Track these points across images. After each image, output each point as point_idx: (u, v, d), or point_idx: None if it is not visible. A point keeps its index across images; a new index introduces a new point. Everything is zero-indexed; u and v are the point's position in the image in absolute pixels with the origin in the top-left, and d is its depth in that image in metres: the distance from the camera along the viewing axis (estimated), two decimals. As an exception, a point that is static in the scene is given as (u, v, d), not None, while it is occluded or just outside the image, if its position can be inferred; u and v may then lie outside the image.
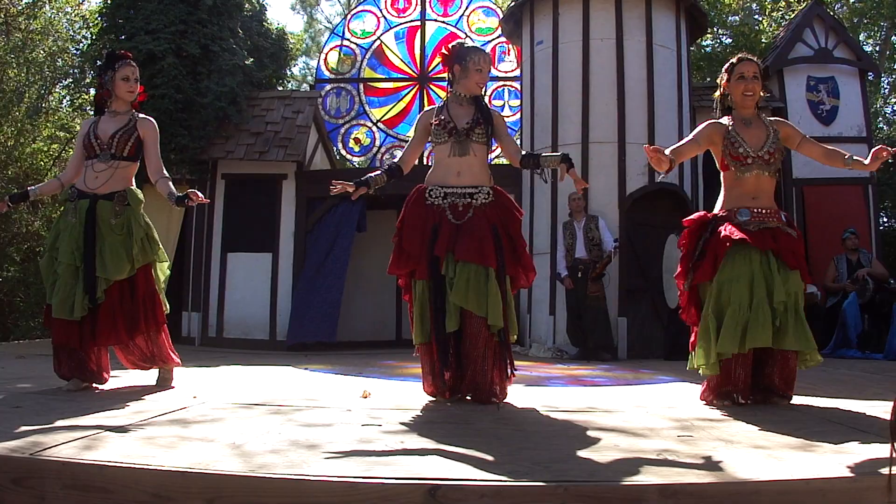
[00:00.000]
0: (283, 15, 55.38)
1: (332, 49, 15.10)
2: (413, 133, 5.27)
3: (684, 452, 3.00)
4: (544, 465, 2.74)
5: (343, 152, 14.79)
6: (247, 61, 13.31)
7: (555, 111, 11.28)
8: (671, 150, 4.74)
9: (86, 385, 5.12)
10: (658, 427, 3.70)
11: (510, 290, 4.74)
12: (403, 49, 14.89)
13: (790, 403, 4.58)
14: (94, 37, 13.60)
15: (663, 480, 2.50)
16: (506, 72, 14.57)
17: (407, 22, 14.93)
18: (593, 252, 10.08)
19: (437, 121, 4.91)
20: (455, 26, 14.77)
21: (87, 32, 17.00)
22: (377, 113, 14.79)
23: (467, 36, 14.59)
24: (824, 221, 11.96)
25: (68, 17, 18.91)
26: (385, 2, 14.95)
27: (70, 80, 18.19)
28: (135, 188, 5.35)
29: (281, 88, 15.64)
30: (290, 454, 2.88)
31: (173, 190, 5.30)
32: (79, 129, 5.59)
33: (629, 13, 11.19)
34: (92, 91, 11.10)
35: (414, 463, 2.76)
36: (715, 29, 19.58)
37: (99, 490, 2.61)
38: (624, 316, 10.52)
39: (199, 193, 5.19)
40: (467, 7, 14.81)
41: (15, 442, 3.00)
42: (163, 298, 5.42)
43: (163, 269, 5.48)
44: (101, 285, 5.04)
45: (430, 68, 14.54)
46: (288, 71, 17.90)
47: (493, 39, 14.60)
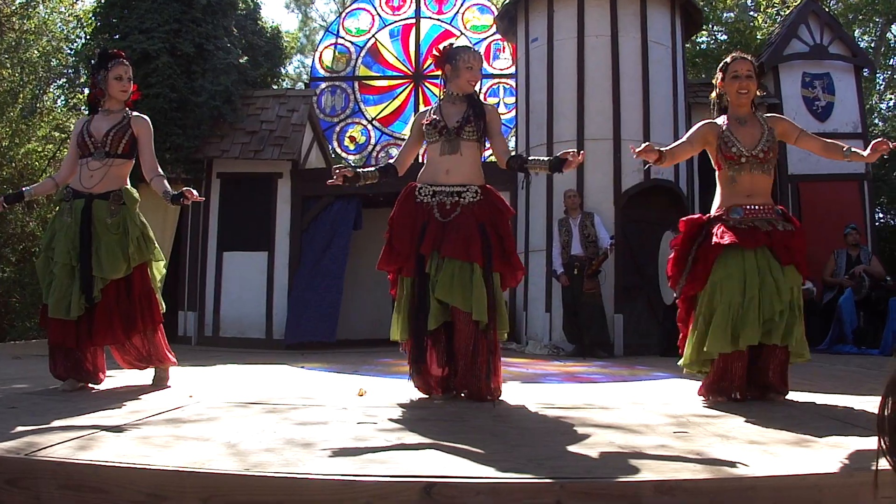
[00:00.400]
0: (277, 13, 55.32)
1: (326, 47, 15.10)
2: (408, 134, 5.27)
3: (680, 448, 3.00)
4: (540, 462, 2.73)
5: (338, 150, 14.79)
6: (241, 60, 13.31)
7: (550, 108, 11.27)
8: (668, 150, 4.76)
9: (81, 385, 5.11)
10: (654, 423, 3.70)
11: (499, 288, 4.74)
12: (398, 47, 14.90)
13: (786, 399, 4.58)
14: (88, 36, 13.61)
15: (659, 477, 2.50)
16: (501, 69, 14.57)
17: (402, 20, 14.94)
18: (589, 249, 10.08)
19: (429, 120, 4.93)
20: (450, 24, 14.78)
21: (81, 32, 17.01)
22: (372, 111, 14.80)
23: (462, 33, 14.60)
24: (820, 217, 11.96)
25: (62, 16, 18.87)
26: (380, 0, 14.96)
27: (64, 79, 18.17)
28: (130, 187, 5.34)
29: (276, 87, 15.63)
30: (286, 453, 2.87)
31: (168, 188, 5.29)
32: (73, 128, 5.57)
33: (624, 10, 11.19)
34: (86, 90, 11.09)
35: (409, 460, 2.76)
36: (710, 25, 19.57)
37: (94, 490, 2.60)
38: (620, 313, 10.52)
39: (194, 192, 5.20)
40: (462, 4, 14.82)
41: (10, 443, 2.99)
42: (159, 298, 5.41)
43: (159, 269, 5.47)
44: (98, 285, 5.03)
45: (425, 66, 14.54)
46: (283, 69, 17.86)
47: (488, 37, 14.61)
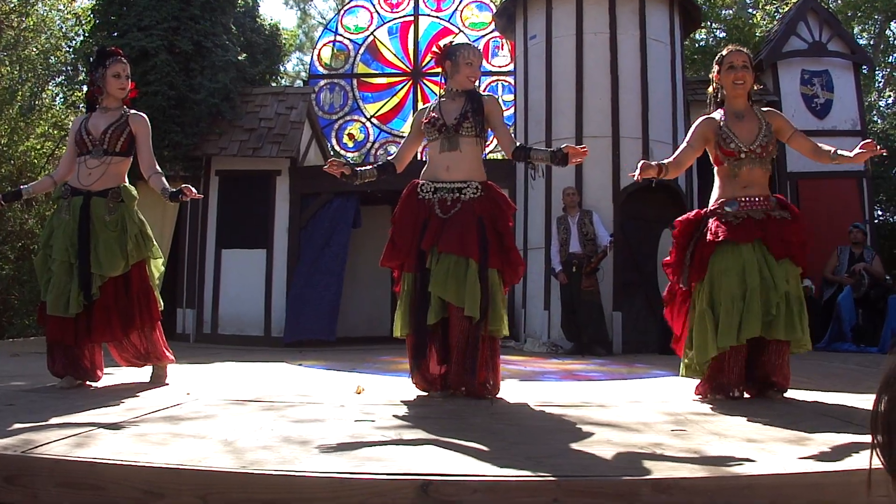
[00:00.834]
0: (276, 10, 55.25)
1: (325, 45, 15.08)
2: (408, 131, 5.28)
3: (678, 447, 3.00)
4: (538, 460, 2.73)
5: (337, 148, 14.77)
6: (240, 57, 13.28)
7: (548, 106, 11.26)
8: (670, 161, 4.76)
9: (79, 382, 5.11)
10: (652, 421, 3.70)
11: (499, 285, 4.74)
12: (397, 44, 14.88)
13: (784, 397, 4.58)
14: (86, 34, 13.56)
15: (657, 475, 2.50)
16: (499, 67, 14.55)
17: (400, 17, 14.91)
18: (587, 247, 10.08)
19: (428, 119, 4.96)
20: (448, 21, 14.76)
21: (79, 29, 16.95)
22: (371, 108, 14.78)
23: (460, 31, 14.58)
24: (819, 215, 11.94)
25: (61, 14, 18.83)
26: (378, -3, 14.96)
27: (63, 77, 18.15)
28: (128, 185, 5.34)
29: (274, 84, 15.61)
30: (282, 450, 2.87)
31: (167, 185, 5.29)
32: (71, 126, 5.57)
33: (622, 7, 11.17)
34: (85, 88, 11.09)
35: (406, 458, 2.76)
36: (709, 23, 19.56)
37: (91, 487, 2.60)
38: (618, 310, 10.51)
39: (192, 189, 5.20)
40: (461, 2, 14.79)
41: (7, 440, 2.99)
42: (157, 295, 5.41)
43: (157, 266, 5.46)
44: (96, 282, 5.03)
45: (424, 63, 14.52)
46: (281, 67, 17.88)
47: (487, 34, 14.58)
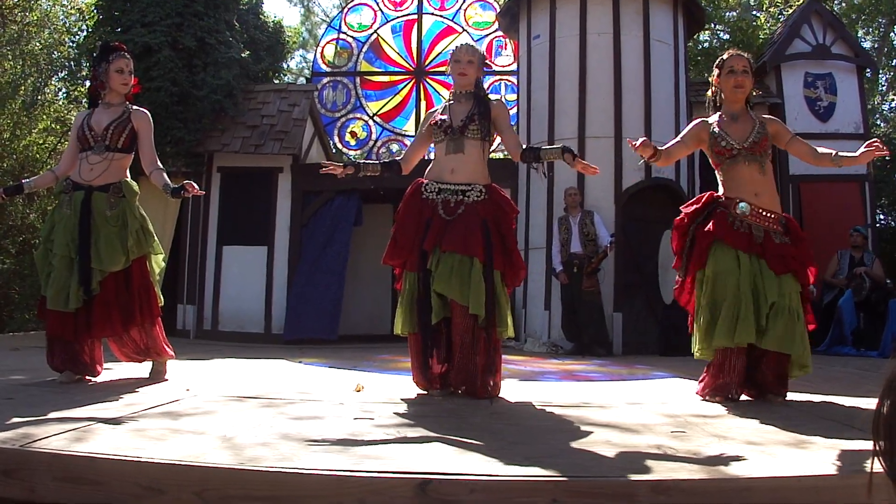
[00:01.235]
0: (279, 8, 55.39)
1: (328, 42, 15.09)
2: (417, 133, 5.31)
3: (677, 448, 2.99)
4: (537, 460, 2.72)
5: (339, 146, 14.76)
6: (243, 54, 13.28)
7: (551, 106, 11.26)
8: (663, 150, 4.76)
9: (78, 377, 5.10)
10: (651, 423, 3.70)
11: (502, 286, 4.75)
12: (400, 42, 14.87)
13: (784, 400, 4.57)
14: (90, 29, 13.58)
15: (656, 476, 2.49)
16: (503, 66, 14.55)
17: (404, 15, 14.91)
18: (588, 247, 10.08)
19: (435, 120, 4.99)
20: (452, 20, 14.76)
21: (83, 24, 16.98)
22: (373, 106, 14.78)
23: (464, 30, 14.58)
24: (821, 218, 11.95)
25: (64, 9, 18.88)
26: (382, -5, 14.95)
27: (66, 72, 18.17)
28: (130, 180, 5.34)
29: (277, 82, 15.61)
30: (281, 447, 2.86)
31: (168, 181, 5.29)
32: (73, 121, 5.57)
33: (626, 8, 11.17)
34: (87, 83, 11.09)
35: (405, 457, 2.75)
36: (712, 24, 19.55)
37: (89, 482, 2.60)
38: (619, 311, 10.51)
39: (194, 185, 5.20)
40: (464, 1, 14.79)
41: (6, 433, 2.98)
42: (158, 291, 5.40)
43: (158, 262, 5.46)
44: (96, 277, 5.02)
45: (427, 62, 14.53)
46: (284, 64, 17.87)
47: (490, 34, 14.58)
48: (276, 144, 12.31)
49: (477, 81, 5.07)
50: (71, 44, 17.78)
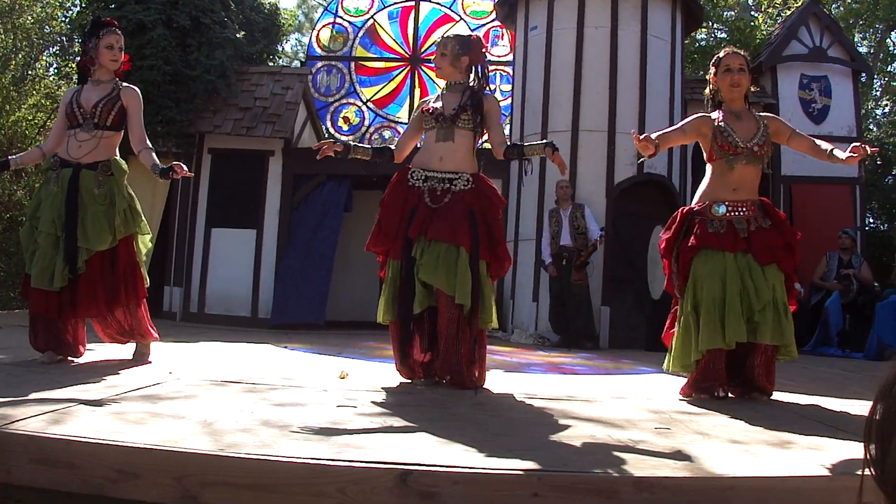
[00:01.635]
0: (276, -9, 54.95)
1: (324, 26, 15.04)
2: (410, 122, 5.29)
3: (661, 445, 2.98)
4: (519, 453, 2.70)
5: (332, 130, 14.73)
6: (238, 35, 13.21)
7: (546, 97, 11.24)
8: (657, 134, 4.75)
9: (60, 358, 5.05)
10: (636, 418, 3.68)
11: (487, 277, 4.73)
12: (396, 29, 14.83)
13: (770, 399, 4.57)
14: (83, 4, 13.48)
15: (638, 473, 2.47)
16: (499, 56, 14.51)
17: (401, 2, 14.87)
18: (578, 240, 10.08)
19: (427, 108, 4.97)
20: (449, 8, 14.73)
21: (76, 0, 16.86)
22: (367, 92, 14.75)
23: (461, 18, 14.54)
24: (811, 219, 11.96)
25: (58, -18, 18.75)
26: (380, -20, 14.89)
27: (57, 47, 18.06)
28: (119, 159, 5.29)
29: (271, 64, 15.56)
30: (261, 434, 2.84)
31: (157, 161, 5.25)
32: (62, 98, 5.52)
33: (624, 3, 11.15)
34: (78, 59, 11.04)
35: (386, 446, 2.72)
36: (710, 23, 19.54)
37: (65, 465, 2.56)
38: (607, 305, 10.52)
39: (183, 166, 5.17)
40: (462, -11, 14.75)
41: (-18, 413, 2.95)
42: (144, 272, 5.36)
43: (145, 242, 5.41)
44: (83, 255, 4.97)
45: (423, 49, 14.47)
46: (279, 47, 17.78)
47: (488, 23, 14.56)
48: (269, 127, 12.26)
49: (475, 69, 5.02)
50: (63, 19, 17.68)
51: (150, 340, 5.51)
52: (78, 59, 5.46)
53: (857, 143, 4.56)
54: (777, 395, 4.65)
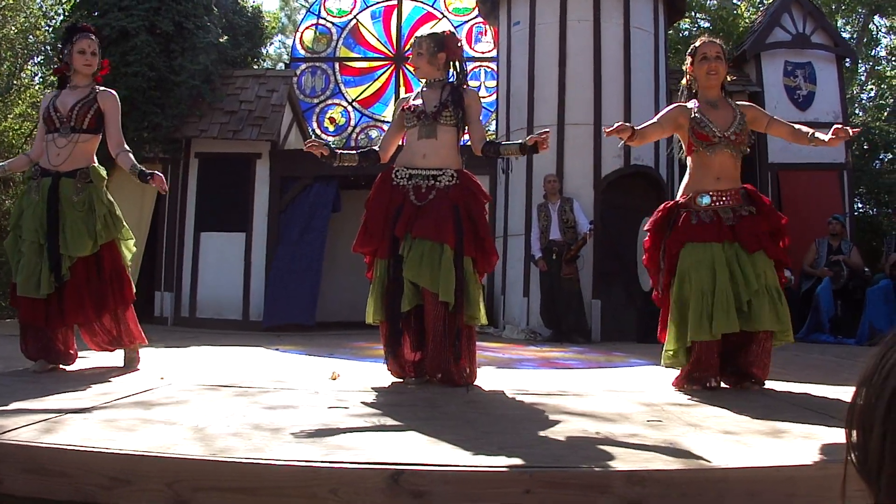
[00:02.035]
0: (259, -7, 54.87)
1: (307, 27, 15.00)
2: (391, 121, 5.28)
3: (653, 438, 2.98)
4: (511, 450, 2.70)
5: (318, 132, 14.70)
6: (221, 39, 13.16)
7: (531, 93, 11.22)
8: (639, 129, 4.76)
9: (52, 366, 5.05)
10: (628, 412, 3.69)
11: (474, 273, 4.74)
12: (380, 28, 14.80)
13: (762, 389, 4.58)
14: (66, 13, 13.43)
15: (631, 467, 2.48)
16: (482, 52, 14.50)
17: (383, 1, 14.82)
18: (568, 234, 10.08)
19: (408, 105, 4.97)
20: (432, 6, 14.69)
21: (59, 8, 16.78)
22: (352, 92, 14.72)
23: (444, 16, 14.52)
24: (799, 206, 11.97)
25: (41, -8, 18.66)
26: (362, -20, 14.86)
27: (42, 56, 17.97)
28: (98, 166, 5.27)
29: (256, 67, 15.52)
30: (253, 437, 2.84)
31: (135, 162, 5.24)
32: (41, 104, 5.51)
33: (607, -5, 11.14)
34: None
35: (378, 447, 2.73)
36: (693, 13, 19.56)
37: (58, 474, 2.57)
38: (598, 298, 10.52)
39: (163, 179, 5.17)
40: (444, -13, 14.73)
41: (-27, 424, 2.94)
42: (130, 277, 5.34)
43: (129, 248, 5.39)
44: (66, 263, 4.97)
45: (407, 48, 14.43)
46: (263, 49, 17.74)
47: (470, 20, 14.54)
48: (255, 130, 12.23)
49: (453, 65, 5.03)
50: (47, 28, 17.57)
51: (139, 344, 5.47)
52: (55, 66, 5.44)
53: (839, 126, 4.58)
54: (769, 384, 4.66)
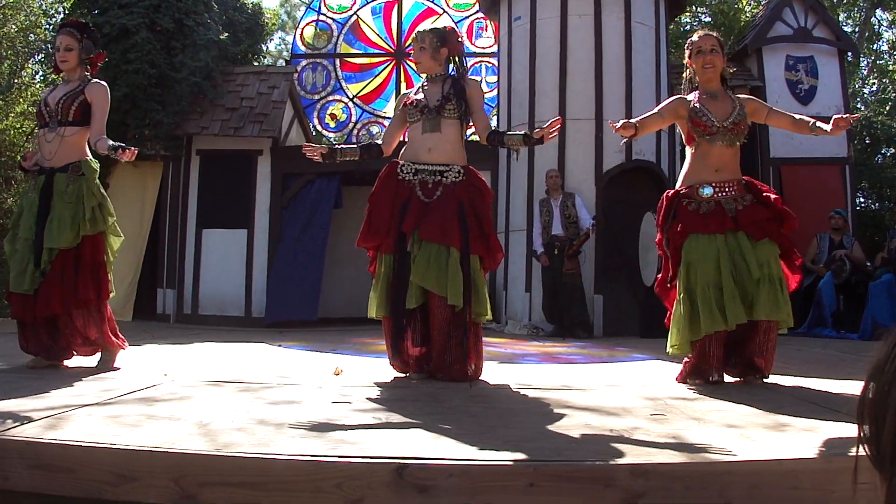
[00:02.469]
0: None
1: (308, 24, 15.01)
2: (392, 115, 5.28)
3: (656, 431, 2.98)
4: (515, 444, 2.71)
5: (319, 128, 14.71)
6: (222, 36, 13.15)
7: (532, 88, 11.23)
8: (638, 121, 4.77)
9: (50, 363, 5.03)
10: (631, 406, 3.69)
11: (479, 271, 4.74)
12: (380, 24, 14.80)
13: (765, 382, 4.58)
14: (66, 11, 13.43)
15: (634, 460, 2.48)
16: (483, 48, 14.49)
17: (384, -3, 14.83)
18: (570, 229, 10.08)
19: (410, 100, 4.95)
20: (432, 1, 14.68)
21: (60, 7, 16.79)
22: (353, 88, 14.73)
23: (444, 11, 14.51)
24: (801, 201, 11.94)
25: (41, -10, 18.66)
26: (362, -24, 14.85)
27: (42, 55, 17.97)
28: (90, 159, 5.23)
29: (256, 64, 15.51)
30: (257, 433, 2.84)
31: (112, 143, 5.05)
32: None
33: (608, -11, 11.12)
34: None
35: (382, 441, 2.73)
36: (694, 7, 19.53)
37: (63, 470, 2.57)
38: (600, 293, 10.52)
39: (134, 152, 4.97)
40: (445, -19, 14.72)
41: (-22, 421, 2.94)
42: (110, 276, 5.25)
43: (116, 234, 5.28)
44: (45, 255, 4.93)
45: (407, 44, 14.42)
46: (263, 46, 17.72)
47: (471, 15, 14.53)
48: (256, 127, 12.23)
49: (453, 59, 5.03)
50: (47, 26, 17.58)
51: (115, 349, 5.28)
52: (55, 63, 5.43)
53: (839, 115, 4.59)
54: (772, 378, 4.66)
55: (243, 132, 12.22)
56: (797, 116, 4.86)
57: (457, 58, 5.05)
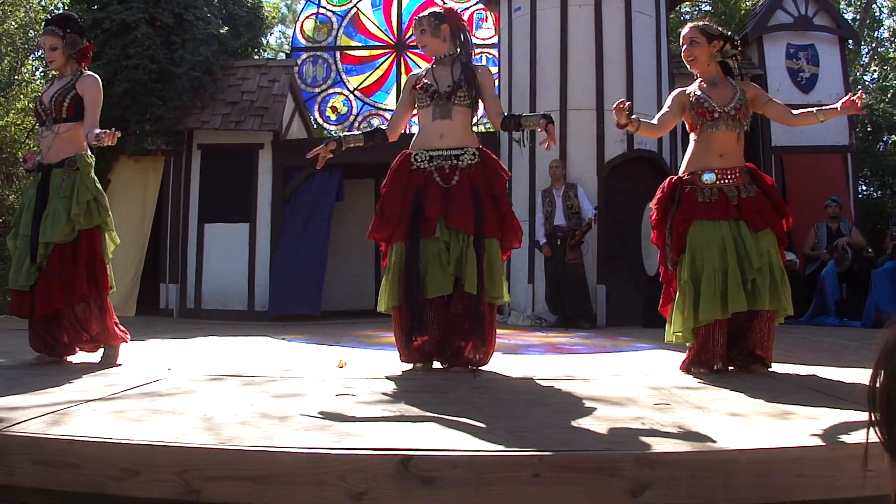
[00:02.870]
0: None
1: (308, 17, 14.97)
2: (399, 99, 5.25)
3: (661, 421, 2.98)
4: (519, 435, 2.71)
5: (320, 121, 14.71)
6: (222, 30, 13.14)
7: (533, 78, 11.21)
8: (647, 122, 4.80)
9: (53, 359, 5.03)
10: (635, 395, 3.69)
11: (497, 253, 4.73)
12: (380, 16, 14.77)
13: (769, 371, 4.58)
14: (66, 7, 13.41)
15: (639, 449, 2.48)
16: (484, 39, 14.46)
17: (383, -11, 14.79)
18: (572, 220, 10.09)
19: (420, 84, 4.92)
20: (432, -7, 14.65)
21: (59, 3, 16.77)
22: (354, 81, 14.70)
23: (444, 2, 14.47)
24: (803, 189, 11.97)
25: (41, -13, 18.63)
26: (362, -32, 14.81)
27: (42, 51, 17.96)
28: (86, 153, 5.20)
29: (256, 57, 15.50)
30: (261, 426, 2.84)
31: (98, 131, 4.99)
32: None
33: (608, -21, 11.10)
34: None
35: (387, 433, 2.73)
36: (694, -4, 19.51)
37: (67, 465, 2.56)
38: (602, 283, 10.52)
39: (113, 134, 4.88)
40: (445, -26, 14.68)
41: (-18, 417, 2.94)
42: (109, 269, 5.23)
43: (113, 239, 5.24)
44: (41, 249, 4.93)
45: (407, 36, 14.41)
46: (263, 40, 17.70)
47: (471, 6, 14.49)
48: (257, 121, 12.24)
49: (461, 43, 5.01)
50: (47, 23, 17.56)
51: (117, 343, 5.30)
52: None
53: (847, 98, 4.58)
54: (776, 367, 4.66)
55: (244, 126, 12.22)
56: (796, 112, 4.86)
57: (461, 33, 5.03)
